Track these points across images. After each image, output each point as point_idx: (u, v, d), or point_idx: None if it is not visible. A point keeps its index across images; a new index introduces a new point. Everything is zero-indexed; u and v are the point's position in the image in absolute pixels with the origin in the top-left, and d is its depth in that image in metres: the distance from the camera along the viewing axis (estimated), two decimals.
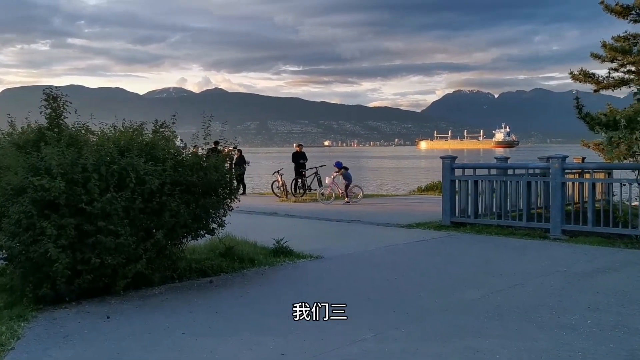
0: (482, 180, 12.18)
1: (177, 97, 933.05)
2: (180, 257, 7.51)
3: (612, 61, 16.07)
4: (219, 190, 7.14)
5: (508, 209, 11.76)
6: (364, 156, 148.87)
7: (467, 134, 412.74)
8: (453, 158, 12.46)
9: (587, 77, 16.27)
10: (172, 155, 7.03)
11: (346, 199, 18.31)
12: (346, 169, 19.13)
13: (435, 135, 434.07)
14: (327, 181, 18.94)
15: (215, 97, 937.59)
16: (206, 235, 7.34)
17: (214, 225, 7.30)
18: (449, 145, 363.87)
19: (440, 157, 12.59)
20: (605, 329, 5.12)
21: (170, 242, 6.52)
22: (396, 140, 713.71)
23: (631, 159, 10.37)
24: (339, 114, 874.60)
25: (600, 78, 16.07)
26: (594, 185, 10.51)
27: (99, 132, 6.96)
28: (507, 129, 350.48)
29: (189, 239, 7.15)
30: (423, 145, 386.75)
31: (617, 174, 12.30)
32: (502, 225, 11.53)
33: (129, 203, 6.04)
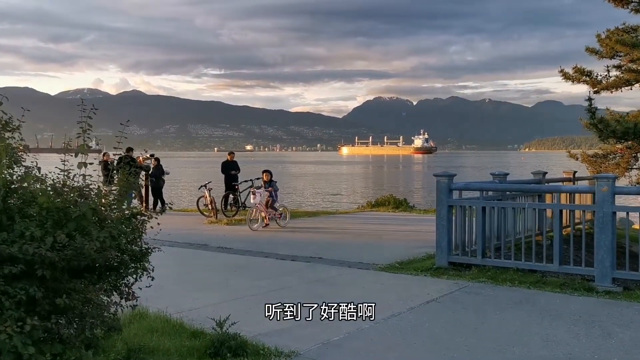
0: (492, 207, 9.01)
1: (91, 99, 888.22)
2: None
3: (611, 57, 13.52)
4: (109, 264, 3.40)
5: (531, 244, 8.70)
6: (288, 161, 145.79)
7: (387, 140, 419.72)
8: (451, 176, 9.23)
9: (583, 75, 13.62)
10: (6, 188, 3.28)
11: (277, 221, 14.46)
12: (273, 181, 15.18)
13: (356, 141, 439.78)
14: (252, 199, 14.81)
15: (134, 100, 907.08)
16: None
17: (99, 330, 3.57)
18: (369, 151, 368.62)
19: (434, 175, 9.33)
20: None
21: None
22: (318, 145, 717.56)
23: None
24: (261, 118, 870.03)
25: (599, 77, 13.45)
26: None
27: None
28: (426, 136, 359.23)
29: None
30: (345, 150, 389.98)
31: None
32: (522, 268, 8.42)
33: None
